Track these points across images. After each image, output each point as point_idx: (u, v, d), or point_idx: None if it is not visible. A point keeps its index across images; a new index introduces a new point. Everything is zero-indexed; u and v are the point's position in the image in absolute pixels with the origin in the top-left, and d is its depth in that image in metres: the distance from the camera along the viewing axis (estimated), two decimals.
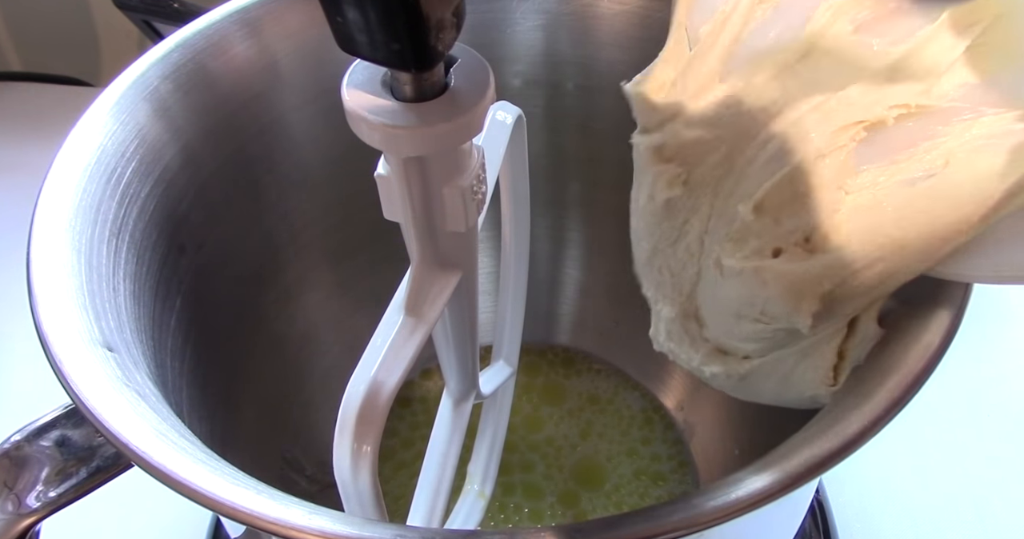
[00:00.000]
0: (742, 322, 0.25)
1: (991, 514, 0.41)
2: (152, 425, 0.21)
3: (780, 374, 0.25)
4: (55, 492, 0.24)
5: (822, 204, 0.22)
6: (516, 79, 0.38)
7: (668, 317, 0.28)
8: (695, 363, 0.27)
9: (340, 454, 0.21)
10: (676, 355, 0.28)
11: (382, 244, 0.35)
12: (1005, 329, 0.48)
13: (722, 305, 0.25)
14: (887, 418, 0.20)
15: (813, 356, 0.24)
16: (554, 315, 0.47)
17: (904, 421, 0.20)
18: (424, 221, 0.22)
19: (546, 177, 0.41)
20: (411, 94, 0.18)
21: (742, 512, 0.19)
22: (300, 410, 0.40)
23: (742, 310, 0.25)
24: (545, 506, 0.41)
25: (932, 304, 0.22)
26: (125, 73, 0.29)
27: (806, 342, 0.24)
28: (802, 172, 0.23)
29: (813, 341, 0.24)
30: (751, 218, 0.24)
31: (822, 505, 0.40)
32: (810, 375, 0.24)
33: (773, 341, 0.25)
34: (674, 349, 0.28)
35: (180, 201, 0.30)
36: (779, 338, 0.24)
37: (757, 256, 0.24)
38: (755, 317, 0.24)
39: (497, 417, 0.39)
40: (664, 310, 0.28)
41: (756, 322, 0.24)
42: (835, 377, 0.24)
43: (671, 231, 0.27)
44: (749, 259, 0.24)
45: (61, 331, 0.23)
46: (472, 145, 0.21)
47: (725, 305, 0.25)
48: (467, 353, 0.29)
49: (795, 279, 0.23)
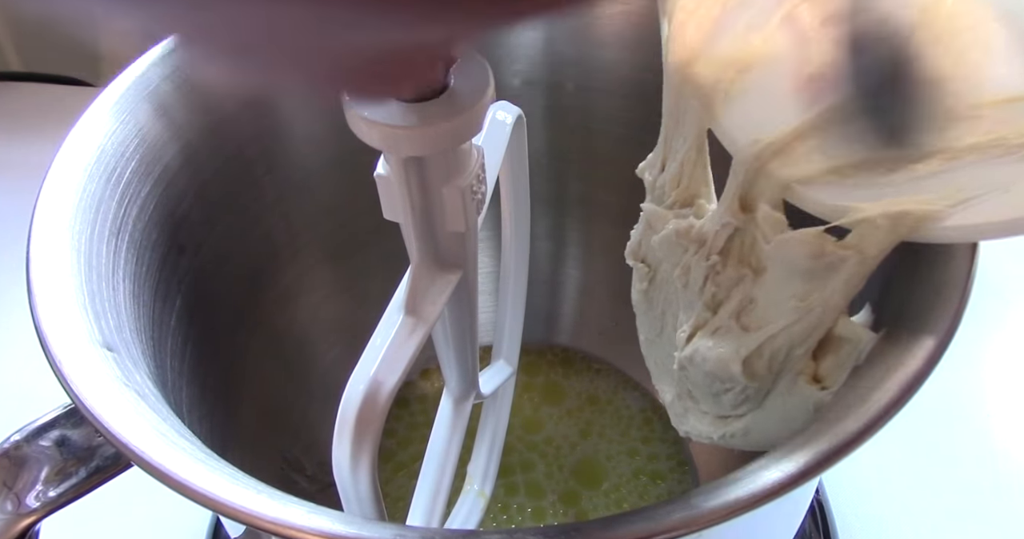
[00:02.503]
0: (719, 396, 0.27)
1: (991, 514, 0.41)
2: (152, 425, 0.21)
3: (778, 415, 0.26)
4: (55, 492, 0.24)
5: (743, 285, 0.25)
6: (516, 79, 0.38)
7: (670, 400, 0.30)
8: (707, 433, 0.28)
9: (339, 454, 0.21)
10: (689, 432, 0.30)
11: (382, 244, 0.35)
12: (1005, 329, 0.48)
13: (698, 387, 0.28)
14: (886, 418, 0.20)
15: (795, 392, 0.25)
16: (554, 315, 0.47)
17: (904, 421, 0.20)
18: (424, 221, 0.22)
19: (546, 177, 0.41)
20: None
21: (741, 512, 0.19)
22: (300, 410, 0.40)
23: (712, 388, 0.27)
24: (547, 505, 0.41)
25: (931, 304, 0.22)
26: (125, 73, 0.29)
27: (781, 384, 0.25)
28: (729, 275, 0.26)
29: (787, 380, 0.25)
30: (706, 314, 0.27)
31: (822, 505, 0.40)
32: (802, 404, 0.25)
33: (756, 397, 0.26)
34: (688, 430, 0.30)
35: (180, 201, 0.30)
36: (756, 392, 0.26)
37: (696, 341, 0.27)
38: (725, 389, 0.27)
39: (497, 417, 0.39)
40: (667, 394, 0.30)
41: (728, 391, 0.26)
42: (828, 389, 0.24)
43: (655, 321, 0.31)
44: (692, 345, 0.27)
45: (61, 331, 0.23)
46: (472, 145, 0.21)
47: (700, 386, 0.28)
48: (467, 353, 0.29)
49: (721, 354, 0.26)
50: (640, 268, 0.30)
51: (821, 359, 0.24)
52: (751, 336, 0.25)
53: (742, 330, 0.26)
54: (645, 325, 0.32)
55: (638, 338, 0.33)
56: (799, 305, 0.23)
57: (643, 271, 0.30)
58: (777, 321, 0.24)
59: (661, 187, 0.28)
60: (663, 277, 0.29)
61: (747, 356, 0.25)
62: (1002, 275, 0.51)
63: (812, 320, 0.23)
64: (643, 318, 0.32)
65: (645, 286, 0.30)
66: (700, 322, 0.27)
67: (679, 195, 0.28)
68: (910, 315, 0.22)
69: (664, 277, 0.29)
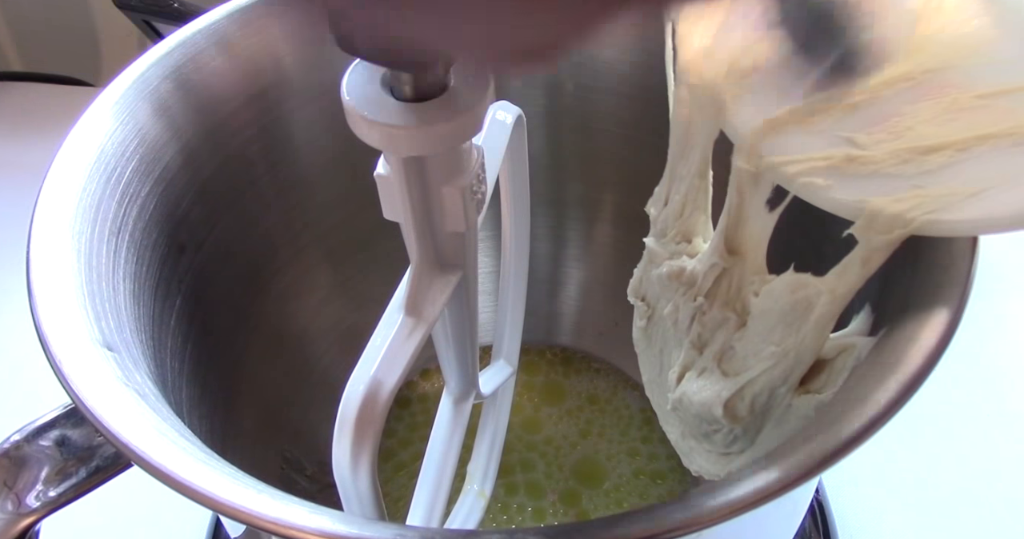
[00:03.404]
0: (711, 436, 0.28)
1: (991, 514, 0.41)
2: (152, 425, 0.21)
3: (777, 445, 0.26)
4: (55, 492, 0.24)
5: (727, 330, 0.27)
6: (516, 79, 0.38)
7: (675, 440, 0.31)
8: (715, 471, 0.29)
9: (339, 453, 0.21)
10: (698, 470, 0.30)
11: (382, 244, 0.35)
12: (1004, 329, 0.48)
13: (691, 427, 0.29)
14: (886, 418, 0.20)
15: (788, 416, 0.25)
16: (554, 315, 0.47)
17: (904, 421, 0.20)
18: (424, 221, 0.22)
19: (546, 177, 0.41)
20: (411, 94, 0.18)
21: (741, 511, 0.19)
22: (300, 410, 0.40)
23: (702, 428, 0.28)
24: (547, 505, 0.41)
25: (931, 304, 0.22)
26: (125, 73, 0.29)
27: (770, 422, 0.26)
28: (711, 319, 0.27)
29: (776, 415, 0.25)
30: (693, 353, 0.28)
31: (822, 505, 0.40)
32: (800, 422, 0.25)
33: (746, 436, 0.27)
34: (697, 468, 0.30)
35: (180, 201, 0.30)
36: (744, 432, 0.27)
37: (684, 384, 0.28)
38: (713, 430, 0.28)
39: (497, 417, 0.39)
40: (672, 434, 0.31)
41: (717, 432, 0.27)
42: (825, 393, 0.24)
43: (654, 360, 0.32)
44: (681, 387, 0.28)
45: (61, 331, 0.23)
46: (472, 145, 0.21)
47: (692, 427, 0.29)
48: (467, 353, 0.29)
49: (704, 398, 0.27)
50: (640, 306, 0.31)
51: (812, 379, 0.25)
52: (731, 380, 0.26)
53: (723, 375, 0.27)
54: (646, 364, 0.33)
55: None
56: (776, 350, 0.24)
57: (642, 309, 0.31)
58: (755, 367, 0.25)
59: (664, 221, 0.29)
60: (660, 315, 0.30)
61: (728, 399, 0.26)
62: (1003, 275, 0.51)
63: (789, 362, 0.24)
64: (644, 357, 0.32)
65: (644, 324, 0.31)
66: (688, 361, 0.28)
67: (680, 227, 0.29)
68: (910, 315, 0.22)
69: (661, 315, 0.30)
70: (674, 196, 0.28)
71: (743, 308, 0.26)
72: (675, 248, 0.29)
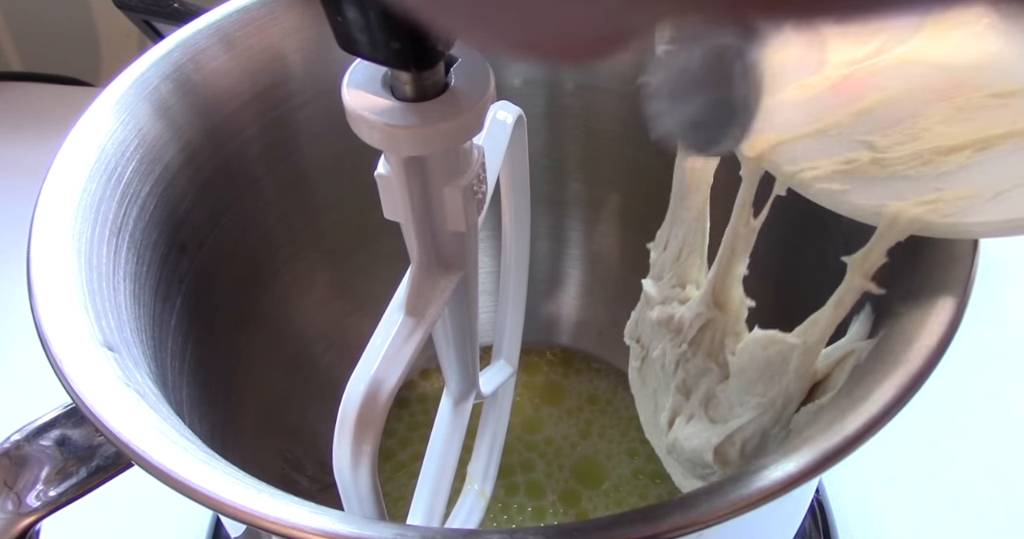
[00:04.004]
0: (707, 479, 0.28)
1: (991, 514, 0.41)
2: (152, 424, 0.21)
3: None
4: (55, 491, 0.24)
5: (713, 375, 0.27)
6: (516, 79, 0.38)
7: (679, 481, 0.31)
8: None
9: (340, 453, 0.21)
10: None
11: (382, 244, 0.35)
12: (1004, 329, 0.48)
13: (688, 470, 0.30)
14: (887, 418, 0.20)
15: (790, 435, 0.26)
16: (554, 315, 0.47)
17: (904, 421, 0.20)
18: (424, 221, 0.22)
19: (546, 177, 0.41)
20: (411, 93, 0.18)
21: (741, 512, 0.19)
22: (300, 410, 0.40)
23: (696, 472, 0.28)
24: (547, 505, 0.41)
25: (932, 304, 0.22)
26: (125, 73, 0.29)
27: (773, 444, 0.26)
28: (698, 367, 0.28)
29: (778, 441, 0.26)
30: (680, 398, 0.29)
31: (822, 505, 0.40)
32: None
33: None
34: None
35: (180, 201, 0.30)
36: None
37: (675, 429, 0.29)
38: (707, 473, 0.28)
39: (497, 417, 0.39)
40: (676, 475, 0.31)
41: (711, 475, 0.28)
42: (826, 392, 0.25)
43: (649, 401, 0.32)
44: (673, 432, 0.29)
45: (61, 331, 0.23)
46: (472, 145, 0.21)
47: (688, 470, 0.29)
48: (467, 353, 0.29)
49: (695, 445, 0.27)
50: (635, 347, 0.32)
51: (810, 395, 0.25)
52: (720, 427, 0.26)
53: (711, 422, 0.27)
54: (642, 405, 0.33)
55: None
56: (762, 400, 0.25)
57: (637, 350, 0.32)
58: (743, 415, 0.26)
59: (662, 264, 0.30)
60: (651, 357, 0.31)
61: (718, 445, 0.26)
62: (1003, 275, 0.51)
63: (777, 408, 0.25)
64: (639, 397, 0.33)
65: (638, 364, 0.32)
66: (676, 406, 0.29)
67: (677, 270, 0.29)
68: (911, 315, 0.22)
69: (652, 357, 0.31)
70: (672, 240, 0.29)
71: (724, 362, 0.27)
72: (669, 292, 0.29)
